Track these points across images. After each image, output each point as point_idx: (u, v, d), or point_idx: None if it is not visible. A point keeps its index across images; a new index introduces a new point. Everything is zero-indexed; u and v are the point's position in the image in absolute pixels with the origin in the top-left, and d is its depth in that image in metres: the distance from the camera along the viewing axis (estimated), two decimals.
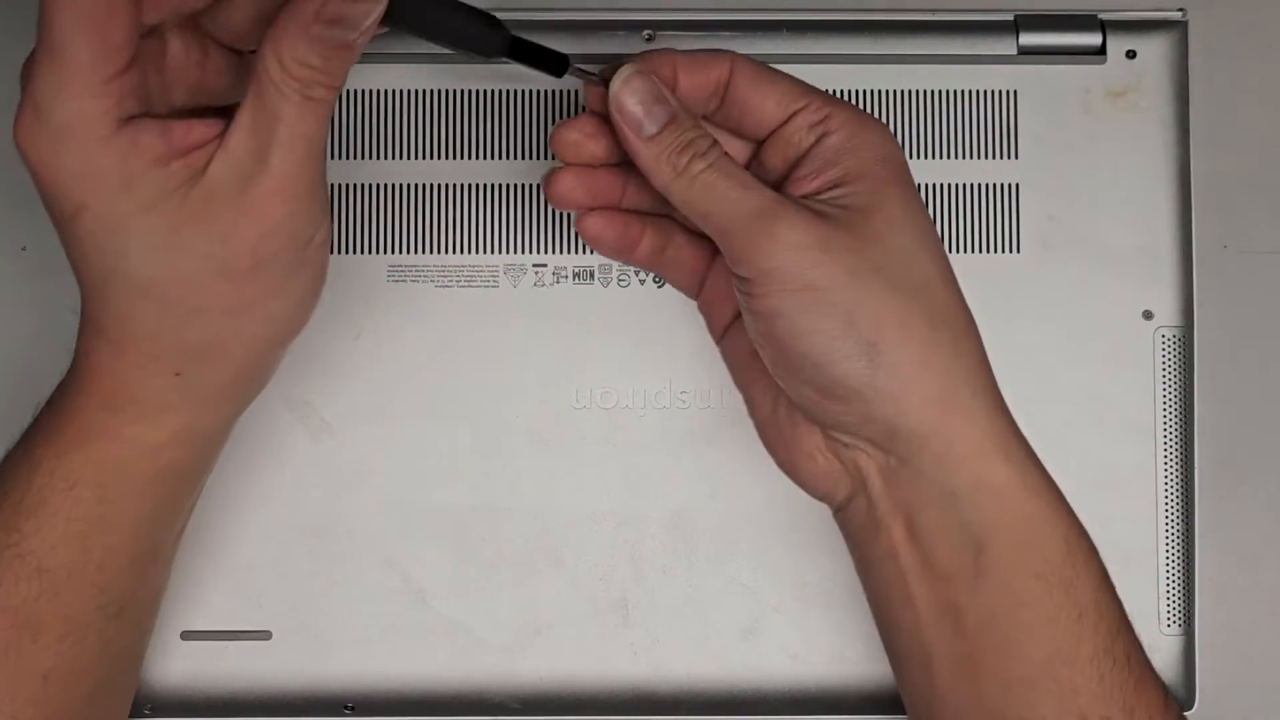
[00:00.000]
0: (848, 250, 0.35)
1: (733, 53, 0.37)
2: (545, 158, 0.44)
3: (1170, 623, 0.43)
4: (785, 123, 0.37)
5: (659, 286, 0.44)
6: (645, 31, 0.44)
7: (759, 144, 0.38)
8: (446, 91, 0.44)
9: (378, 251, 0.44)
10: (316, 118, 0.32)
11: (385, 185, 0.44)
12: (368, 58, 0.44)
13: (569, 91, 0.44)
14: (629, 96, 0.36)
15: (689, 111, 0.36)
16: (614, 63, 0.36)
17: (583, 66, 0.37)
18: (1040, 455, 0.37)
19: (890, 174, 0.36)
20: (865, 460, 0.37)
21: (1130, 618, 0.36)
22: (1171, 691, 0.43)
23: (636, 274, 0.44)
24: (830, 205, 0.35)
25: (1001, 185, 0.44)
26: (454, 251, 0.44)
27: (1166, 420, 0.44)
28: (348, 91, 0.44)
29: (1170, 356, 0.44)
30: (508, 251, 0.44)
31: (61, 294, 0.45)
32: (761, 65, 0.37)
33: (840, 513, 0.39)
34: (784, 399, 0.38)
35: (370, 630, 0.43)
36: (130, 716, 0.42)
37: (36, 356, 0.45)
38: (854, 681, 0.43)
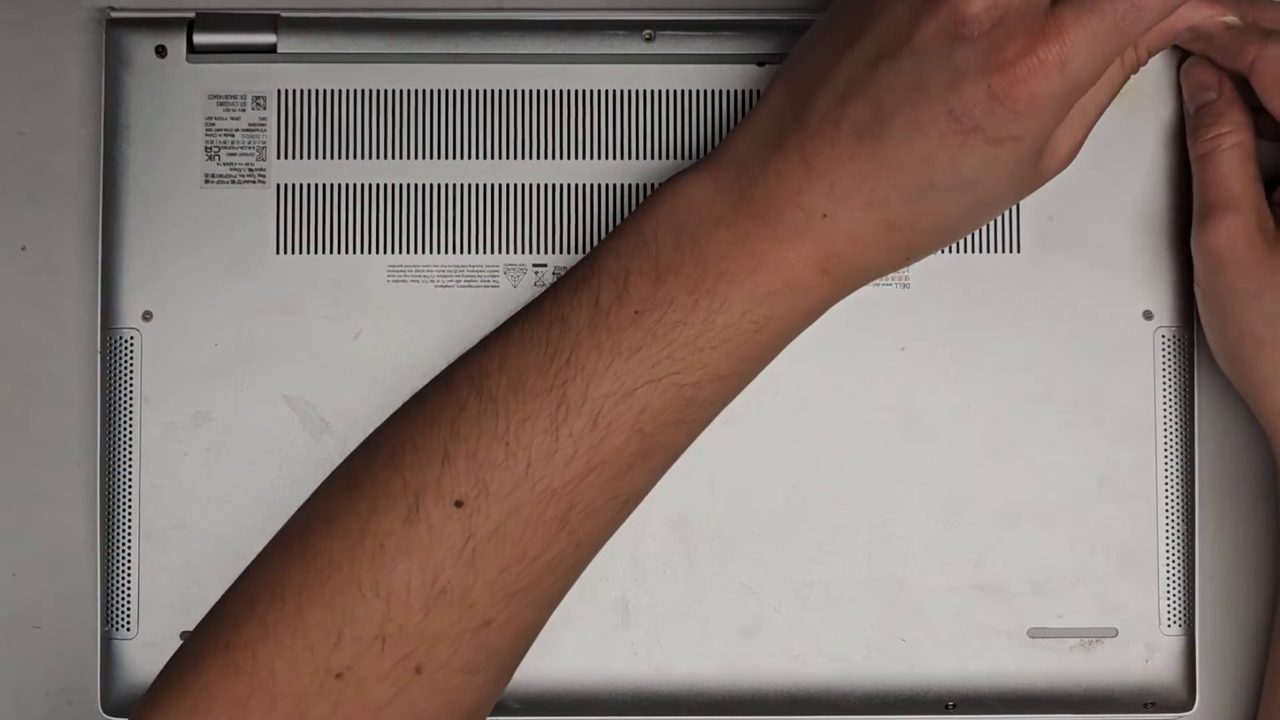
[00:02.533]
0: None
1: None
2: (545, 157, 0.44)
3: (1170, 623, 0.43)
4: None
5: None
6: (645, 31, 0.44)
7: None
8: (447, 92, 0.44)
9: (378, 251, 0.44)
10: None
11: (385, 185, 0.44)
12: (367, 58, 0.44)
13: (569, 91, 0.44)
14: None
15: None
16: None
17: None
18: (1040, 455, 0.37)
19: None
20: None
21: (1130, 618, 0.36)
22: (1171, 691, 0.43)
23: None
24: None
25: None
26: (454, 251, 0.44)
27: (1166, 420, 0.44)
28: (347, 92, 0.44)
29: (1170, 356, 0.44)
30: (508, 251, 0.44)
31: (62, 294, 0.45)
32: None
33: None
34: None
35: None
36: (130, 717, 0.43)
37: (37, 356, 0.45)
38: (854, 681, 0.43)
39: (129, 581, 0.43)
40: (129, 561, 0.43)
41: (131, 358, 0.43)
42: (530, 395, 0.34)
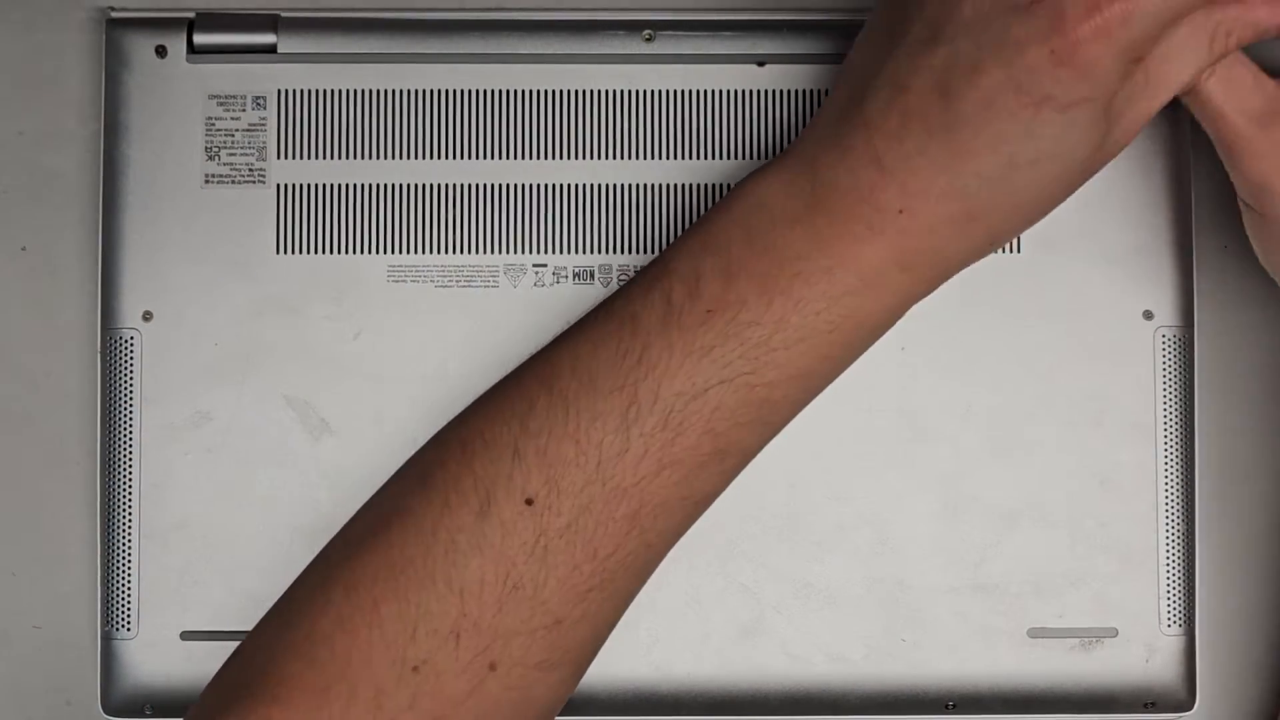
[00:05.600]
0: None
1: None
2: (545, 157, 0.44)
3: (1170, 623, 0.43)
4: None
5: None
6: (645, 31, 0.44)
7: None
8: (447, 92, 0.44)
9: (378, 251, 0.44)
10: None
11: (385, 185, 0.44)
12: (367, 58, 0.44)
13: (569, 91, 0.44)
14: None
15: None
16: None
17: None
18: (1040, 455, 0.37)
19: None
20: None
21: (1130, 618, 0.36)
22: (1171, 691, 0.43)
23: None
24: None
25: None
26: (454, 251, 0.44)
27: (1166, 420, 0.44)
28: (347, 92, 0.44)
29: (1170, 356, 0.44)
30: (508, 251, 0.44)
31: (62, 294, 0.45)
32: None
33: None
34: None
35: None
36: (131, 716, 0.43)
37: (37, 356, 0.45)
38: (854, 681, 0.43)
39: (129, 581, 0.43)
40: (129, 561, 0.43)
41: (131, 358, 0.43)
42: (601, 394, 0.34)
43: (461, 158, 0.44)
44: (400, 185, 0.44)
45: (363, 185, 0.44)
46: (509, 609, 0.34)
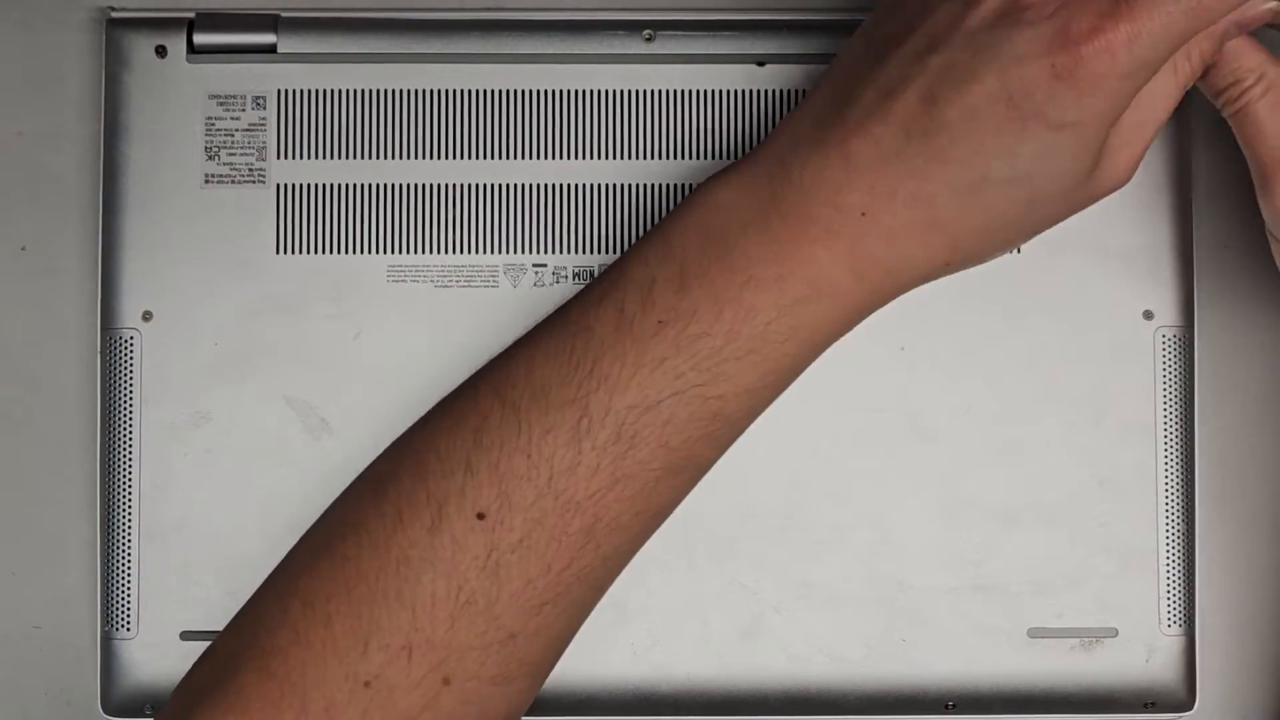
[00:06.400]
0: None
1: None
2: (545, 157, 0.44)
3: (1170, 623, 0.43)
4: None
5: None
6: (645, 31, 0.44)
7: None
8: (446, 92, 0.44)
9: (378, 251, 0.44)
10: None
11: (385, 185, 0.44)
12: (367, 58, 0.44)
13: (569, 91, 0.44)
14: None
15: None
16: None
17: None
18: (1040, 455, 0.37)
19: None
20: None
21: (1130, 618, 0.36)
22: (1171, 691, 0.43)
23: None
24: None
25: None
26: (454, 251, 0.44)
27: (1166, 420, 0.44)
28: (347, 92, 0.44)
29: (1170, 356, 0.44)
30: (508, 251, 0.44)
31: (62, 294, 0.45)
32: None
33: None
34: None
35: None
36: (130, 716, 0.43)
37: (37, 356, 0.45)
38: (854, 681, 0.43)
39: (129, 581, 0.43)
40: (129, 561, 0.43)
41: (131, 358, 0.43)
42: (553, 406, 0.34)
43: (461, 158, 0.44)
44: (400, 185, 0.44)
45: (363, 185, 0.44)
46: (462, 624, 0.33)
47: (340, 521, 0.36)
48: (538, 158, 0.44)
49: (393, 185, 0.44)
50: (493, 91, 0.44)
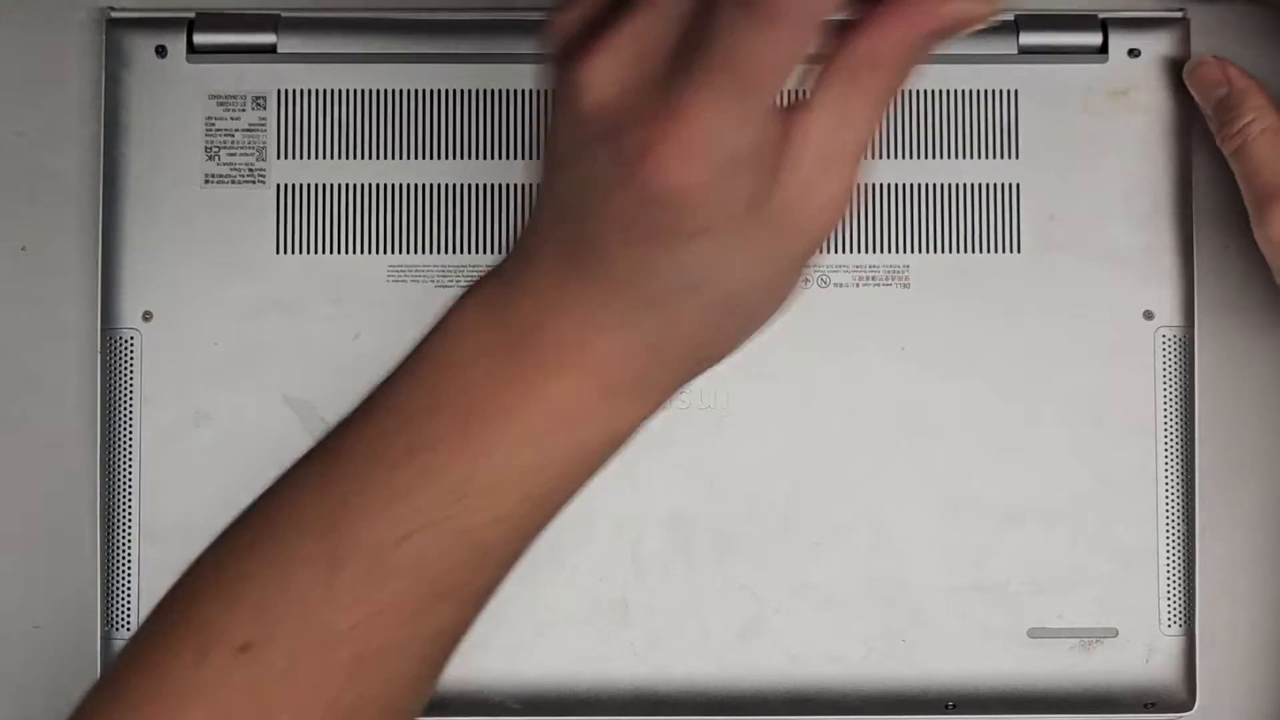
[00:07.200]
0: None
1: None
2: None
3: (1170, 623, 0.43)
4: None
5: None
6: None
7: None
8: (447, 91, 0.44)
9: (378, 251, 0.44)
10: None
11: (385, 185, 0.44)
12: (367, 58, 0.44)
13: None
14: None
15: None
16: None
17: None
18: (1040, 455, 0.37)
19: None
20: None
21: (1130, 618, 0.36)
22: (1171, 691, 0.43)
23: None
24: None
25: (1002, 185, 0.44)
26: (454, 251, 0.44)
27: (1167, 420, 0.43)
28: (347, 92, 0.44)
29: (1170, 356, 0.44)
30: (507, 251, 0.44)
31: (62, 294, 0.45)
32: None
33: None
34: None
35: None
36: None
37: (37, 356, 0.45)
38: (854, 681, 0.43)
39: (129, 581, 0.43)
40: (129, 561, 0.43)
41: (131, 358, 0.43)
42: (309, 536, 0.32)
43: (461, 158, 0.44)
44: (400, 185, 0.44)
45: (363, 185, 0.44)
46: None
47: (134, 643, 0.34)
48: (537, 158, 0.44)
49: (393, 185, 0.44)
50: (493, 91, 0.44)
